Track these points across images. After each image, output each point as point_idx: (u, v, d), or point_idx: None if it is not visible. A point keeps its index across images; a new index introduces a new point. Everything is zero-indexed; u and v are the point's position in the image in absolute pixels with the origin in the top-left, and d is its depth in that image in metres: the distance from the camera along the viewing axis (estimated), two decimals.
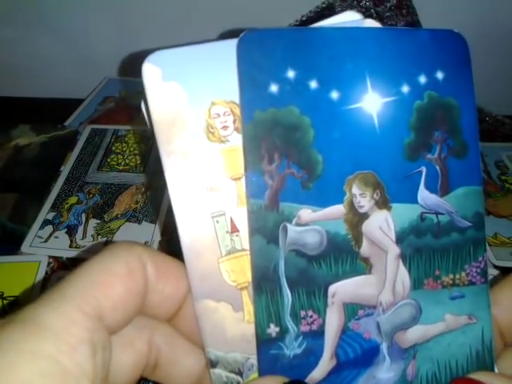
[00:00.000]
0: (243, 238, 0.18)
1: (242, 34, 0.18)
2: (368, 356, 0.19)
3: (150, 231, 0.38)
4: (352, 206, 0.19)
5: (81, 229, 0.39)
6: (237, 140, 0.18)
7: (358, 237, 0.19)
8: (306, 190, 0.18)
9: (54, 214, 0.40)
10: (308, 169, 0.18)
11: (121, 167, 0.45)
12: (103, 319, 0.15)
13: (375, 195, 0.19)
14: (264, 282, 0.18)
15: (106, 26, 0.53)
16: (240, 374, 0.18)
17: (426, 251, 0.19)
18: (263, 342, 0.18)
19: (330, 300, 0.18)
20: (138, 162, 0.45)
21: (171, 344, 0.18)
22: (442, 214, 0.19)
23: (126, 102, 0.52)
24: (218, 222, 0.18)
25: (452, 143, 0.19)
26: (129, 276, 0.16)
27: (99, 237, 0.38)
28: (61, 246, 0.37)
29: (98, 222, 0.39)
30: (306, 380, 0.18)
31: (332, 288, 0.18)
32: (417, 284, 0.19)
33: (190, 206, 0.18)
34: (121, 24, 0.53)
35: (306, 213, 0.18)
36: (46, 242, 0.38)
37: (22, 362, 0.13)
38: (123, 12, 0.52)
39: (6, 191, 0.42)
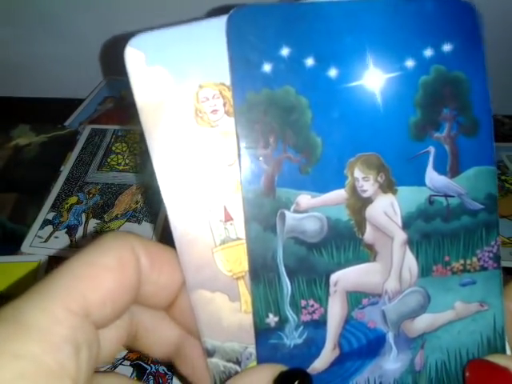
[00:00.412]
0: (238, 227, 0.17)
1: (231, 11, 0.17)
2: (373, 346, 0.18)
3: (150, 231, 0.38)
4: (354, 191, 0.18)
5: (81, 229, 0.38)
6: (227, 124, 0.17)
7: (361, 223, 0.18)
8: (305, 175, 0.17)
9: (54, 214, 0.39)
10: (306, 152, 0.17)
11: (121, 167, 0.44)
12: (90, 315, 0.14)
13: (379, 178, 0.18)
14: (262, 271, 0.17)
15: (106, 26, 0.53)
16: (238, 363, 0.17)
17: (435, 236, 0.18)
18: (262, 332, 0.17)
19: (332, 289, 0.17)
20: (138, 162, 0.45)
21: (148, 312, 0.18)
22: (451, 196, 0.18)
23: (126, 102, 0.52)
24: (210, 210, 0.17)
25: (462, 120, 0.18)
26: (120, 269, 0.15)
27: None
28: (61, 246, 0.37)
29: (98, 222, 0.39)
30: (308, 370, 0.17)
31: (334, 276, 0.17)
32: (425, 271, 0.18)
33: (180, 195, 0.17)
34: (121, 24, 0.53)
35: (304, 199, 0.17)
36: (45, 241, 0.37)
37: (3, 364, 0.12)
38: (124, 12, 0.52)
39: (6, 191, 0.42)
